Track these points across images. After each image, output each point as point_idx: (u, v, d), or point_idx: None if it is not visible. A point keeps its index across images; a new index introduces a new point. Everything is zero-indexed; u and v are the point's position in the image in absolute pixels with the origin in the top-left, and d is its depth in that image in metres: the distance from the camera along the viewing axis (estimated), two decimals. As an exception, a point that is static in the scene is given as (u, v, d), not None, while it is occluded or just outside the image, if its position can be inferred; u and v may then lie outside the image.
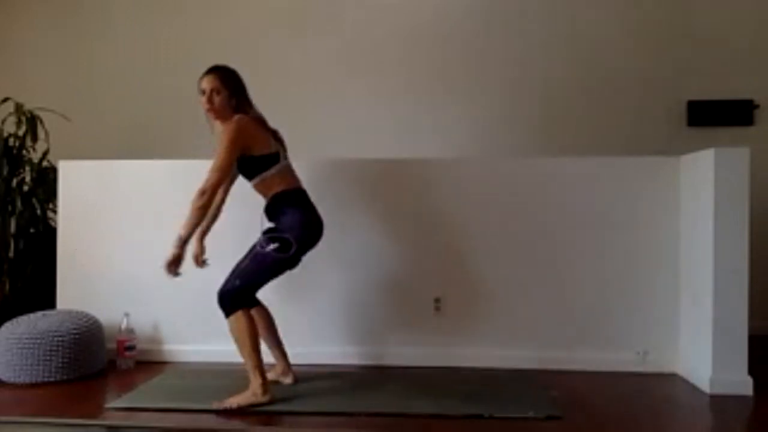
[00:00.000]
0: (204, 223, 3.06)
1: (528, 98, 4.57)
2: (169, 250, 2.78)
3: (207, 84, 2.92)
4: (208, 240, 3.19)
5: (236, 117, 2.87)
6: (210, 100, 2.90)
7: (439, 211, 3.56)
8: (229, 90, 2.93)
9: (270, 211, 2.97)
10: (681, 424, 2.79)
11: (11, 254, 3.98)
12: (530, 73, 4.57)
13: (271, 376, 3.07)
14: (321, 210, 3.09)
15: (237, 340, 2.85)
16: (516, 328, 3.52)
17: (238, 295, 2.86)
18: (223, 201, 3.17)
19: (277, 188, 2.93)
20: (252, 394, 2.83)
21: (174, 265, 2.82)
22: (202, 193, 2.77)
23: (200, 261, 3.21)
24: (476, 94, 4.60)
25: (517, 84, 4.58)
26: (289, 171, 3.00)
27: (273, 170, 2.92)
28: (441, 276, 3.56)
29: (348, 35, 4.72)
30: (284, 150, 3.03)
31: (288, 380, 3.13)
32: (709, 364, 3.04)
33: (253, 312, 2.95)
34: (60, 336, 3.24)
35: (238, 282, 2.86)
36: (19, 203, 3.96)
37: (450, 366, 3.48)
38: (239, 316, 2.84)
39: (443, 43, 4.63)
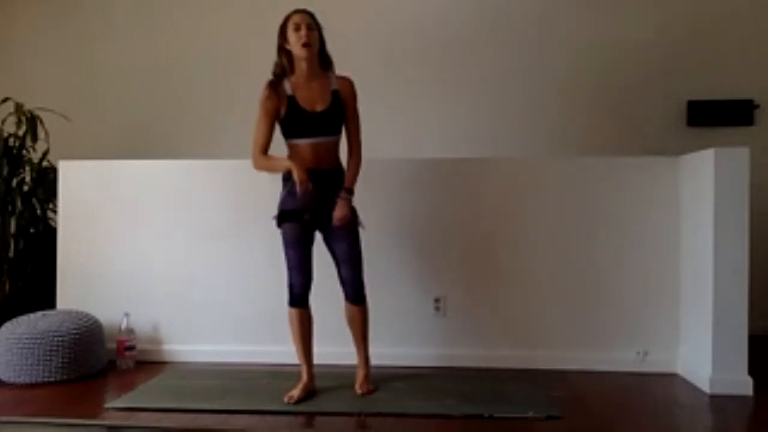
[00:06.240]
0: None
1: (527, 99, 4.56)
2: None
3: (301, 19, 2.84)
4: (200, 240, 3.18)
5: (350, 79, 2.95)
6: (308, 35, 2.81)
7: (439, 211, 3.56)
8: (319, 33, 2.90)
9: (340, 176, 3.00)
10: (681, 424, 2.79)
11: (11, 254, 3.98)
12: (529, 74, 4.56)
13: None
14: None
15: (366, 325, 3.04)
16: (516, 328, 3.51)
17: None
18: None
19: (337, 154, 3.00)
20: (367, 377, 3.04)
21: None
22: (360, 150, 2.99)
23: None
24: (474, 95, 4.59)
25: (516, 85, 4.57)
26: None
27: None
28: (441, 276, 3.56)
29: (351, 34, 4.70)
30: None
31: None
32: (709, 364, 3.04)
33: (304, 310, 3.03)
34: (60, 336, 3.24)
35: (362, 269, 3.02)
36: (19, 203, 3.96)
37: (450, 366, 3.48)
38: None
39: (444, 46, 4.61)
